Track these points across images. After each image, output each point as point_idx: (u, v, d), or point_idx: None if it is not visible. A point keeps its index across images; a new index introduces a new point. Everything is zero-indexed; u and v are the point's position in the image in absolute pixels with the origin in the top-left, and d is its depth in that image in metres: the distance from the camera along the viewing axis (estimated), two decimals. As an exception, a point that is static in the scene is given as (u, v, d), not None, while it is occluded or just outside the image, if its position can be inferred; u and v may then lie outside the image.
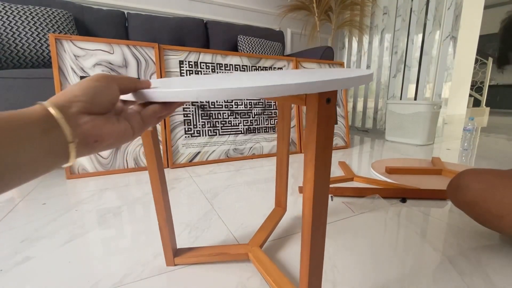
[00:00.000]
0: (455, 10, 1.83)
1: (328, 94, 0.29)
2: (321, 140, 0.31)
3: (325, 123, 0.30)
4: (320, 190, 0.32)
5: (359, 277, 0.47)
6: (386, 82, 2.25)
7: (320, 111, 0.30)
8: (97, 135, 0.23)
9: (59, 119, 0.21)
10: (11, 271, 0.48)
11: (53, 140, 0.21)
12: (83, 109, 0.23)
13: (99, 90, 0.24)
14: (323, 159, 0.31)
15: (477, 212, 0.55)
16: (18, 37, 1.28)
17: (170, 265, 0.50)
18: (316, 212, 0.33)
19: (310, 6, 2.19)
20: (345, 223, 0.66)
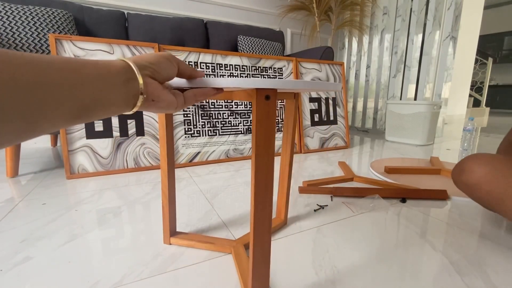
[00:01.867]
0: (455, 10, 1.84)
1: (267, 92, 0.33)
2: (260, 136, 0.33)
3: (265, 118, 0.33)
4: (262, 189, 0.34)
5: (359, 277, 0.47)
6: (386, 82, 2.25)
7: (259, 106, 0.33)
8: (156, 95, 0.29)
9: (137, 74, 0.26)
10: (11, 271, 0.48)
11: (130, 89, 0.26)
12: (151, 74, 0.28)
13: (167, 65, 0.30)
14: (263, 153, 0.34)
15: (479, 195, 0.56)
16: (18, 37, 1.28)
17: (166, 243, 0.57)
18: (259, 203, 0.35)
19: (310, 6, 2.20)
20: (345, 223, 0.66)
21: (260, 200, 0.35)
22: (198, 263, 0.51)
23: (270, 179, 0.35)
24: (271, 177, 0.35)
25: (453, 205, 0.78)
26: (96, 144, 1.07)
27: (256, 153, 0.34)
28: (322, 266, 0.50)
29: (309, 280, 0.46)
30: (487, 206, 0.57)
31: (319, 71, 1.59)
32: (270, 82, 0.32)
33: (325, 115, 1.61)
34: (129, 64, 0.26)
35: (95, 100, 0.22)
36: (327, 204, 0.78)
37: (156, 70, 0.29)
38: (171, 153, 0.53)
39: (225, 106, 1.32)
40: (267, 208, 0.36)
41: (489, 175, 0.54)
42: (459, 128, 2.63)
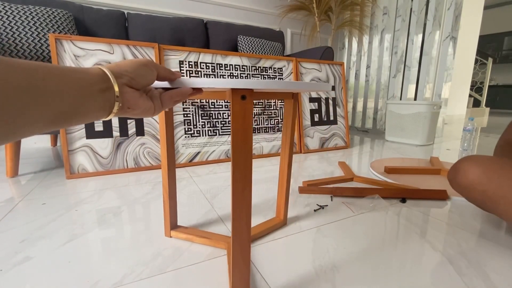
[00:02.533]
0: (455, 11, 1.84)
1: (243, 92, 0.33)
2: (237, 135, 0.33)
3: (241, 118, 0.33)
4: (240, 189, 0.35)
5: (359, 277, 0.47)
6: (386, 82, 2.25)
7: (234, 106, 0.33)
8: (132, 104, 0.29)
9: (114, 83, 0.27)
10: (11, 271, 0.48)
11: (107, 98, 0.26)
12: (128, 82, 0.29)
13: (144, 72, 0.30)
14: (241, 153, 0.34)
15: (474, 196, 0.57)
16: (18, 37, 1.28)
17: (167, 236, 0.59)
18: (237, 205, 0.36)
19: (310, 6, 2.20)
20: (345, 223, 0.66)
21: (238, 199, 0.36)
22: (198, 263, 0.51)
23: (248, 179, 0.36)
24: (249, 176, 0.36)
25: (453, 205, 0.78)
26: (96, 144, 1.07)
27: (233, 153, 0.34)
28: (322, 266, 0.50)
29: (309, 280, 0.46)
30: (482, 206, 0.57)
31: (319, 71, 1.59)
32: (244, 82, 0.32)
33: (325, 115, 1.61)
34: (106, 72, 0.27)
35: (73, 107, 0.23)
36: (327, 204, 0.78)
37: (133, 78, 0.29)
38: (172, 149, 0.54)
39: (225, 106, 1.32)
40: (246, 208, 0.37)
41: (483, 176, 0.55)
42: (459, 128, 2.63)
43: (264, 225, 0.63)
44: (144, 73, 0.30)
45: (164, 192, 0.58)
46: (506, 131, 0.70)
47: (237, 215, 0.37)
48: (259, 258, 0.53)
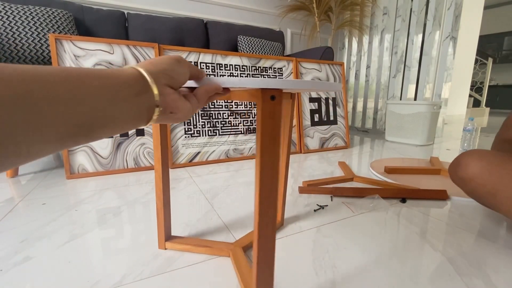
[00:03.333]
0: (455, 11, 1.84)
1: (272, 92, 0.32)
2: (266, 136, 0.33)
3: (270, 119, 0.32)
4: (266, 185, 0.34)
5: (359, 277, 0.47)
6: (386, 82, 2.25)
7: (264, 106, 0.32)
8: (174, 107, 0.26)
9: (152, 85, 0.23)
10: (11, 271, 0.48)
11: (143, 103, 0.23)
12: (168, 82, 0.26)
13: (180, 70, 0.27)
14: (269, 155, 0.33)
15: (473, 188, 0.57)
16: (18, 37, 1.28)
17: (161, 248, 0.55)
18: (263, 205, 0.34)
19: (310, 6, 2.20)
20: (345, 223, 0.66)
21: (265, 203, 0.35)
22: (198, 263, 0.51)
23: (275, 182, 0.35)
24: (276, 179, 0.35)
25: (453, 205, 0.78)
26: (96, 144, 1.07)
27: (261, 155, 0.33)
28: (322, 266, 0.50)
29: (309, 280, 0.46)
30: (482, 201, 0.58)
31: (319, 71, 1.59)
32: (275, 82, 0.31)
33: (325, 115, 1.61)
34: (141, 72, 0.23)
35: (99, 117, 0.19)
36: (327, 204, 0.78)
37: (172, 76, 0.26)
38: (165, 155, 0.52)
39: (225, 106, 1.32)
40: (272, 211, 0.35)
41: (483, 169, 0.55)
42: (459, 128, 2.63)
43: None
44: (180, 70, 0.27)
45: (158, 201, 0.53)
46: (502, 129, 0.70)
47: (263, 223, 0.35)
48: (259, 258, 0.53)
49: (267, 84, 0.31)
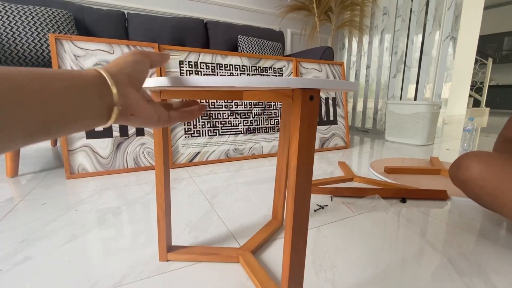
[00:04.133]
0: (455, 11, 1.84)
1: (311, 92, 0.32)
2: (303, 138, 0.33)
3: (308, 118, 0.33)
4: (303, 181, 0.34)
5: (359, 277, 0.47)
6: (386, 82, 2.25)
7: (303, 106, 0.32)
8: (135, 109, 0.25)
9: (112, 86, 0.23)
10: (11, 271, 0.48)
11: (104, 103, 0.23)
12: (128, 82, 0.25)
13: (138, 65, 0.26)
14: (305, 152, 0.33)
15: (473, 190, 0.57)
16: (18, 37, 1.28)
17: (163, 260, 0.51)
18: (298, 206, 0.34)
19: (310, 6, 2.20)
20: (345, 223, 0.66)
21: (299, 203, 0.34)
22: (199, 263, 0.51)
23: (309, 182, 0.35)
24: (310, 180, 0.35)
25: (453, 205, 0.78)
26: (96, 144, 1.07)
27: (298, 157, 0.33)
28: (322, 266, 0.50)
29: (309, 280, 0.46)
30: (482, 202, 0.57)
31: (319, 71, 1.59)
32: (310, 82, 0.30)
33: (325, 115, 1.61)
34: (102, 73, 0.24)
35: (64, 115, 0.20)
36: (327, 204, 0.78)
37: (131, 74, 0.25)
38: (167, 162, 0.49)
39: (225, 106, 1.32)
40: (305, 211, 0.35)
41: (484, 171, 0.55)
42: (459, 128, 2.63)
43: (264, 231, 0.60)
44: (139, 66, 0.26)
45: (159, 210, 0.50)
46: (505, 128, 0.70)
47: (296, 223, 0.35)
48: (263, 259, 0.53)
49: (304, 83, 0.30)
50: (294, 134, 0.33)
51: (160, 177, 0.49)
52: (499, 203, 0.53)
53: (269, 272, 0.49)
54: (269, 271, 0.49)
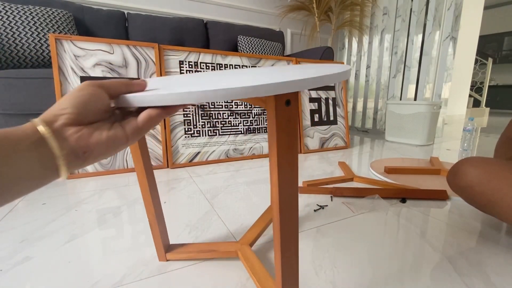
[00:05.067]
0: (455, 11, 1.84)
1: (287, 96, 0.28)
2: (282, 145, 0.29)
3: (285, 126, 0.28)
4: (287, 196, 0.31)
5: (359, 277, 0.47)
6: (386, 83, 2.25)
7: (278, 114, 0.28)
8: (85, 146, 0.23)
9: (46, 134, 0.21)
10: (11, 271, 0.48)
11: (43, 155, 0.21)
12: (69, 121, 0.22)
13: (85, 99, 0.24)
14: (286, 165, 0.30)
15: (472, 197, 0.57)
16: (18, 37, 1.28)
17: (162, 260, 0.51)
18: (284, 218, 0.32)
19: (310, 6, 2.20)
20: (345, 223, 0.66)
21: (286, 220, 0.31)
22: (199, 262, 0.51)
23: (295, 192, 0.32)
24: (296, 190, 0.32)
25: (453, 205, 0.78)
26: (96, 144, 1.07)
27: (278, 169, 0.29)
28: (322, 266, 0.50)
29: (309, 280, 0.46)
30: (481, 208, 0.57)
31: (319, 71, 1.59)
32: (284, 85, 0.24)
33: (325, 115, 1.61)
34: (38, 131, 0.21)
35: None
36: (327, 204, 0.78)
37: (75, 112, 0.22)
38: (148, 165, 0.46)
39: (225, 106, 1.32)
40: (293, 227, 0.32)
41: (482, 177, 0.55)
42: (459, 128, 2.63)
43: (262, 221, 0.61)
44: (85, 100, 0.23)
45: (150, 215, 0.48)
46: (508, 128, 0.70)
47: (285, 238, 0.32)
48: (262, 250, 0.53)
49: (275, 89, 0.24)
50: (272, 145, 0.30)
51: (143, 183, 0.46)
52: (498, 209, 0.53)
53: (269, 266, 0.49)
54: (269, 265, 0.49)
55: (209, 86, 0.25)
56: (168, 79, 0.42)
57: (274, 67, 0.48)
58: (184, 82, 0.33)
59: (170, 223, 0.67)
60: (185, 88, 0.26)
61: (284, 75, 0.29)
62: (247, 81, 0.26)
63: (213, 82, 0.29)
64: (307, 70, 0.33)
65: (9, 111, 1.10)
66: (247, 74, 0.36)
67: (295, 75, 0.27)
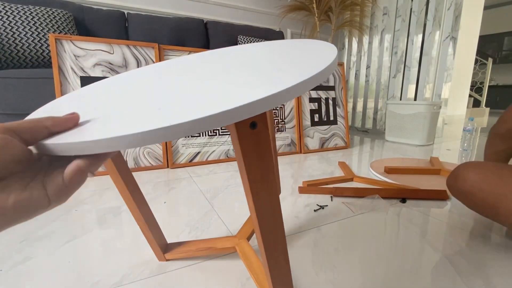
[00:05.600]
0: (455, 11, 1.84)
1: (252, 118, 0.23)
2: (254, 173, 0.25)
3: (253, 152, 0.24)
4: (269, 226, 0.28)
5: (359, 277, 0.47)
6: (386, 83, 2.25)
7: (242, 141, 0.23)
8: None
9: None
10: (11, 271, 0.48)
11: None
12: None
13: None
14: (261, 194, 0.26)
15: (473, 202, 0.57)
16: (18, 37, 1.28)
17: (162, 261, 0.51)
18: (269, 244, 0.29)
19: (310, 6, 2.20)
20: (345, 224, 0.66)
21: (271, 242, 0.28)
22: (200, 262, 0.51)
23: (279, 220, 0.28)
24: (280, 216, 0.28)
25: (453, 205, 0.78)
26: (96, 144, 1.07)
27: (254, 202, 0.26)
28: (322, 266, 0.50)
29: (309, 280, 0.46)
30: (482, 212, 0.57)
31: (319, 71, 1.59)
32: (245, 109, 0.19)
33: (325, 115, 1.61)
34: None
35: None
36: (327, 204, 0.78)
37: None
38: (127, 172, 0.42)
39: (225, 106, 1.32)
40: (282, 263, 0.30)
41: (482, 182, 0.55)
42: (459, 128, 2.63)
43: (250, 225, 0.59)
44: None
45: (141, 224, 0.47)
46: (498, 124, 0.66)
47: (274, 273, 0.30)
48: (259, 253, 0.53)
49: (232, 116, 0.19)
50: (243, 175, 0.25)
51: (124, 192, 0.42)
52: (499, 214, 0.53)
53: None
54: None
55: (151, 124, 0.19)
56: (112, 89, 0.36)
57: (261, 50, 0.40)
58: (132, 100, 0.27)
59: (170, 223, 0.67)
60: (128, 116, 0.21)
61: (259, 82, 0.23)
62: (209, 99, 0.21)
63: (168, 101, 0.24)
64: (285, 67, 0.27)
65: (8, 111, 1.10)
66: (222, 73, 0.30)
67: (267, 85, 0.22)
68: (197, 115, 0.18)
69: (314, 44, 0.38)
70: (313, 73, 0.23)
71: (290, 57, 0.32)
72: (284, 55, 0.33)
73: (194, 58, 0.47)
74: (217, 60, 0.39)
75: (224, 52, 0.47)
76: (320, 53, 0.30)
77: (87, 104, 0.30)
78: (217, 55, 0.44)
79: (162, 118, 0.19)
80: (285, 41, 0.46)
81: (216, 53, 0.47)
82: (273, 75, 0.25)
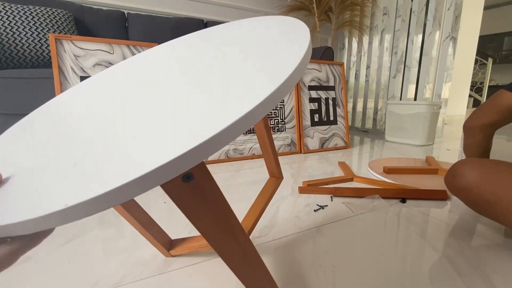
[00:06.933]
0: (455, 11, 1.84)
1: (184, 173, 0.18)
2: (204, 229, 0.21)
3: (196, 208, 0.19)
4: (239, 267, 0.25)
5: (359, 278, 0.47)
6: (386, 83, 2.25)
7: (176, 198, 0.18)
8: None
9: None
10: (11, 271, 0.48)
11: None
12: None
13: None
14: (225, 244, 0.22)
15: (471, 198, 0.57)
16: (18, 37, 1.28)
17: (167, 257, 0.52)
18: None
19: (310, 6, 2.20)
20: (344, 224, 0.66)
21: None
22: (200, 263, 0.51)
23: (255, 259, 0.26)
24: (254, 254, 0.25)
25: (452, 205, 0.78)
26: (96, 144, 1.07)
27: (218, 252, 0.23)
28: (322, 266, 0.50)
29: (309, 280, 0.46)
30: (479, 210, 0.58)
31: (319, 71, 1.59)
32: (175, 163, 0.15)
33: (325, 115, 1.61)
34: None
35: None
36: (327, 204, 0.78)
37: None
38: None
39: (225, 106, 1.32)
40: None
41: (479, 178, 0.55)
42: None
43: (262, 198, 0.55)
44: None
45: (139, 229, 0.47)
46: (486, 113, 0.66)
47: None
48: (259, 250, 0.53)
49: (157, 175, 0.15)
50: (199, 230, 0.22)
51: (119, 208, 0.42)
52: (496, 211, 0.53)
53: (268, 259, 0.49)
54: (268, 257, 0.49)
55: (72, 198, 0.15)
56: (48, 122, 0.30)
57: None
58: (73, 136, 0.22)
59: (170, 223, 0.67)
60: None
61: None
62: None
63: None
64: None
65: (9, 111, 1.10)
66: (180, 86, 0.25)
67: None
68: (102, 187, 0.14)
69: (277, 30, 0.30)
70: (268, 93, 0.17)
71: (251, 59, 0.25)
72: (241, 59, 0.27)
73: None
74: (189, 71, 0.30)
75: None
76: (286, 48, 0.23)
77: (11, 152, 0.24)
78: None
79: (62, 192, 0.15)
80: (243, 29, 0.37)
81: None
82: (219, 101, 0.19)
